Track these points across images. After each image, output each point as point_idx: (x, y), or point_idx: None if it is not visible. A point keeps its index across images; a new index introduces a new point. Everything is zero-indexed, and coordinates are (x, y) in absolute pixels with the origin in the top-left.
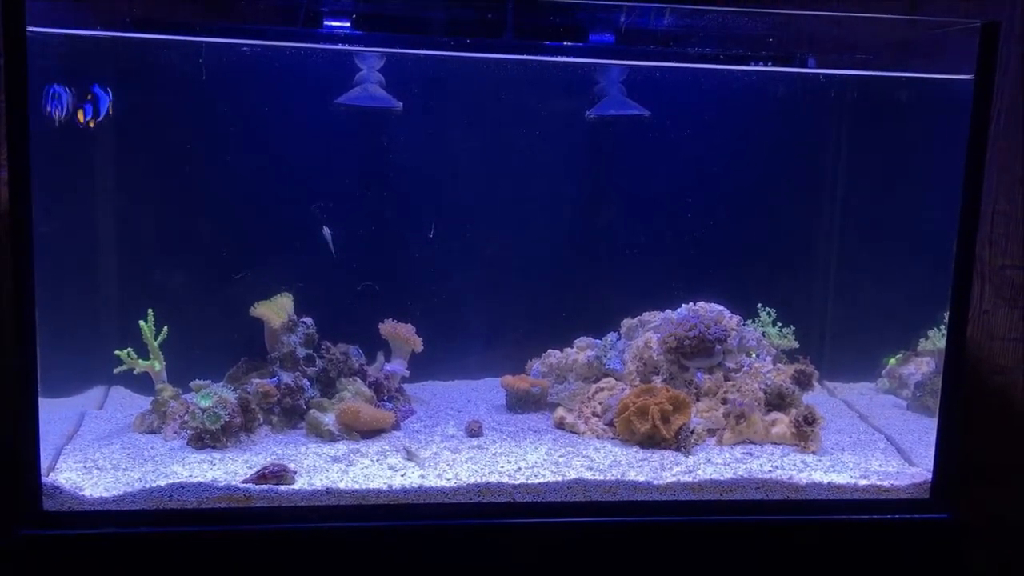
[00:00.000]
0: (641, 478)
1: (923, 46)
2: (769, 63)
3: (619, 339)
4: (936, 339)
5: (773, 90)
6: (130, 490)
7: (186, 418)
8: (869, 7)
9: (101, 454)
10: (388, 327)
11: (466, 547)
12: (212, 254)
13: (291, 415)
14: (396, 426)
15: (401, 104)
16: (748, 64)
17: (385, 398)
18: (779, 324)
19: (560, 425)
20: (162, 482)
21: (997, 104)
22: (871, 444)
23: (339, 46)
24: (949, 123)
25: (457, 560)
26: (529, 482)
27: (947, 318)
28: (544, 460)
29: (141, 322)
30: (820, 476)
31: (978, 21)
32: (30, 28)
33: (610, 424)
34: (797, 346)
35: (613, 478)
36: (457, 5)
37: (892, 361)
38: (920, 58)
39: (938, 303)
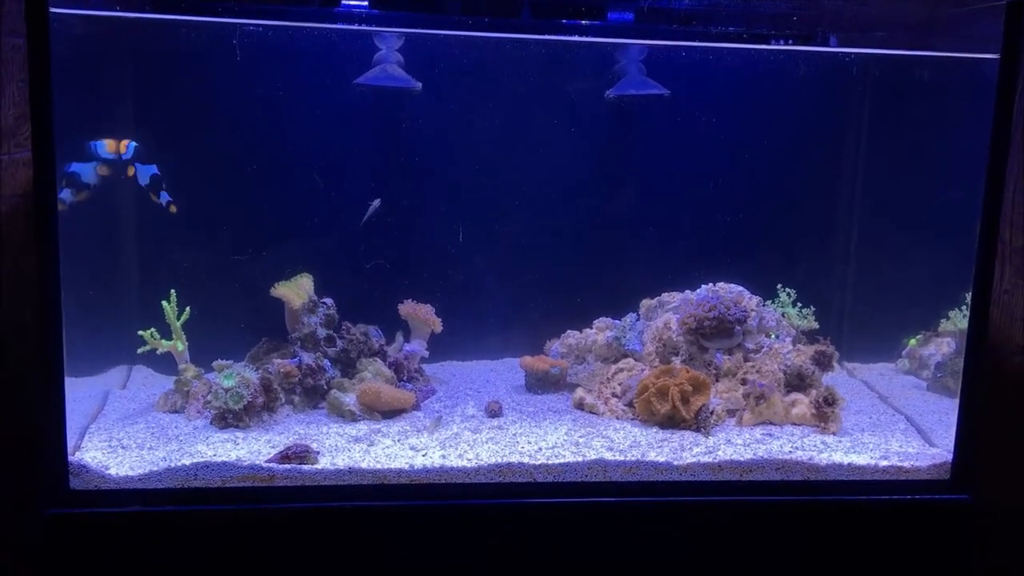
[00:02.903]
0: (661, 458)
1: (947, 25)
2: (790, 42)
3: (638, 320)
4: (957, 320)
5: (794, 70)
6: (155, 469)
7: (208, 398)
8: None
9: (125, 433)
10: (407, 307)
11: (487, 526)
12: (234, 235)
13: (312, 395)
14: (416, 406)
15: (420, 84)
16: (769, 43)
17: (405, 378)
18: (799, 305)
19: (580, 406)
20: (187, 461)
21: (1021, 84)
22: (891, 425)
23: (357, 26)
24: (972, 103)
25: (478, 539)
26: (550, 462)
27: (969, 299)
28: (564, 440)
29: (164, 302)
30: (840, 457)
31: (1003, 0)
32: (52, 9)
33: (630, 405)
34: (817, 327)
35: (633, 458)
36: None
37: (912, 342)
38: (944, 37)
39: (959, 284)
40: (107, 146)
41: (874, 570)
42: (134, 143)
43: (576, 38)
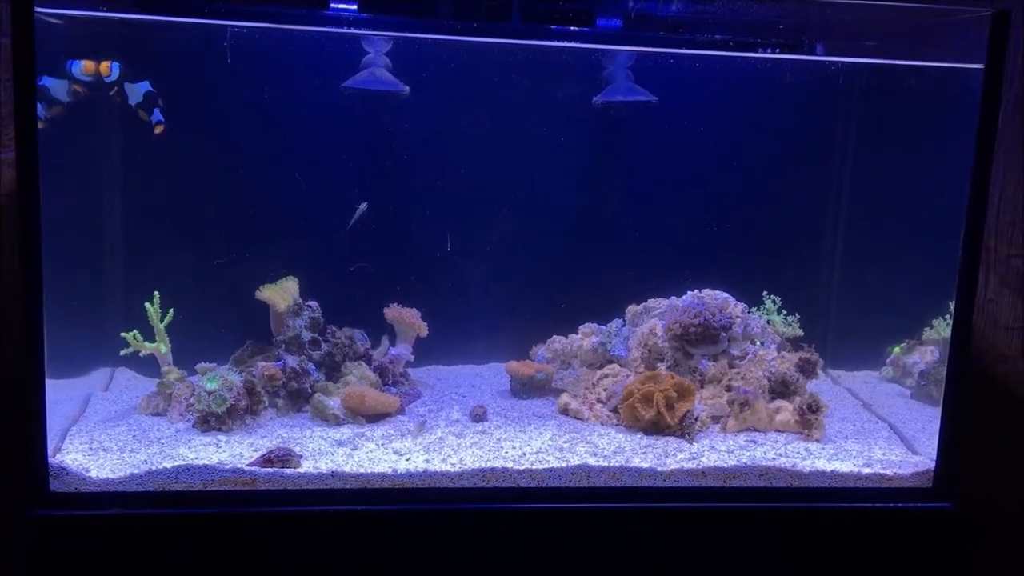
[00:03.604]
0: (645, 464)
1: (933, 34)
2: (778, 50)
3: (624, 326)
4: (940, 328)
5: (781, 77)
6: (136, 472)
7: (192, 401)
8: None
9: (107, 436)
10: (393, 311)
11: (470, 531)
12: (218, 237)
13: (296, 399)
14: (401, 410)
15: (408, 88)
16: (757, 51)
17: (390, 382)
18: (784, 312)
19: (564, 411)
20: (168, 464)
21: (1006, 93)
22: (874, 433)
23: (345, 29)
24: (957, 112)
25: (461, 544)
26: (533, 467)
27: (952, 307)
28: (548, 446)
29: (147, 304)
30: (823, 464)
31: (989, 10)
32: (38, 9)
33: (614, 410)
34: (802, 334)
35: (617, 464)
36: None
37: (896, 350)
38: (930, 46)
39: (943, 292)
40: (84, 67)
41: None
42: (118, 63)
43: (564, 44)
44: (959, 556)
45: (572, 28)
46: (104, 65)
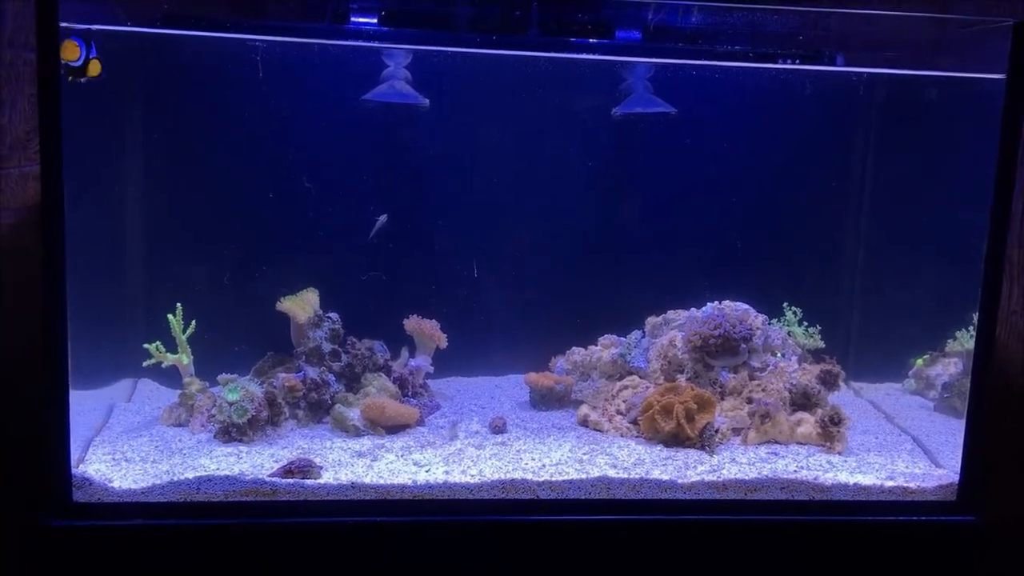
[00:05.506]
0: (665, 477)
1: (954, 45)
2: (797, 61)
3: (643, 337)
4: (964, 340)
5: (801, 88)
6: (158, 482)
7: (213, 411)
8: (901, 6)
9: (130, 446)
10: (413, 323)
11: (489, 543)
12: (240, 249)
13: (316, 410)
14: (420, 422)
15: (428, 100)
16: (776, 62)
17: (409, 394)
18: (805, 323)
19: (584, 423)
20: (190, 475)
21: None
22: (897, 445)
23: (366, 43)
24: (979, 123)
25: (480, 556)
26: (553, 479)
27: (976, 319)
28: (568, 457)
29: (169, 316)
30: (846, 477)
31: (1010, 20)
32: (62, 24)
33: (634, 422)
34: (823, 346)
35: (637, 476)
36: (484, 1)
37: (919, 362)
38: (950, 57)
39: (966, 304)
40: None
41: None
42: (82, 40)
43: (583, 56)
44: (982, 571)
45: (591, 40)
46: (69, 47)
